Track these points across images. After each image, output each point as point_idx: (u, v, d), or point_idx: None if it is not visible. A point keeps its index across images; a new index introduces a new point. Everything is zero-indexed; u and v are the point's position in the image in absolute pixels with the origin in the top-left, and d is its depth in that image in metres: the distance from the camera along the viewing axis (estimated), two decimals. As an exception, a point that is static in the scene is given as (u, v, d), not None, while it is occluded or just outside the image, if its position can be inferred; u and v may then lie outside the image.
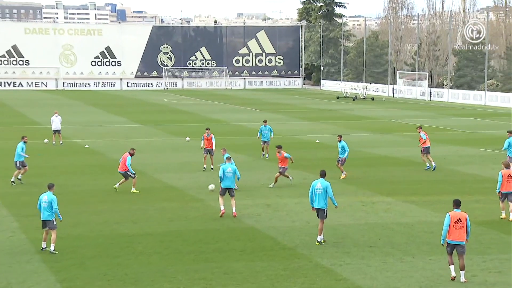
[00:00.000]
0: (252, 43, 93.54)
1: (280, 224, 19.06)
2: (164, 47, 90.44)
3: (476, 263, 15.37)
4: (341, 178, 25.84)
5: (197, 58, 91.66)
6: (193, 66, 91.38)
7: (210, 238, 17.63)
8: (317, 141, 37.82)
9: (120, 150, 33.88)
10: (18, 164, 24.97)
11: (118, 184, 23.40)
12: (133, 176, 23.27)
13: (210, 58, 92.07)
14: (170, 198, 22.39)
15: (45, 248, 16.28)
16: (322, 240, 16.80)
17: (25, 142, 25.58)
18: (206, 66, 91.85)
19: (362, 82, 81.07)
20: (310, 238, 17.53)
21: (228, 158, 20.22)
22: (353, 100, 70.36)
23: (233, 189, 19.68)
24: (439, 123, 47.94)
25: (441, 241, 14.39)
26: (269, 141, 31.21)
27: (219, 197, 19.90)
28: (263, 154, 31.15)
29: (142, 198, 22.50)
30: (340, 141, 26.03)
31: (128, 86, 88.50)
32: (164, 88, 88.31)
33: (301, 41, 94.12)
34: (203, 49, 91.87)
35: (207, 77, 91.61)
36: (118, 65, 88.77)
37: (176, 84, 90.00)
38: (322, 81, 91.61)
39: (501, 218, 19.51)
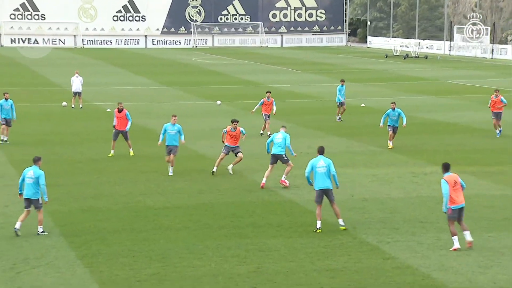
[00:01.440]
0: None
1: (339, 197, 19.04)
2: (193, 1, 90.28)
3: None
4: (389, 148, 25.78)
5: (229, 13, 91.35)
6: (224, 21, 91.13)
7: (244, 212, 17.75)
8: (363, 105, 37.57)
9: (145, 115, 34.14)
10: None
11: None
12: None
13: (243, 13, 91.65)
14: (200, 168, 22.55)
15: (17, 229, 15.48)
16: (342, 227, 16.03)
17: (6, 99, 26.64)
18: (239, 21, 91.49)
19: (415, 38, 79.96)
20: (354, 213, 17.54)
21: (283, 127, 20.92)
22: (404, 58, 69.58)
23: (283, 155, 20.13)
24: (502, 84, 47.13)
25: (443, 210, 14.71)
26: (345, 104, 32.38)
27: (269, 167, 19.98)
28: (338, 118, 32.24)
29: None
30: (394, 109, 25.90)
31: (153, 43, 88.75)
32: (193, 46, 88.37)
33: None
34: (236, 3, 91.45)
35: (240, 33, 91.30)
36: (142, 21, 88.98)
37: (206, 42, 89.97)
38: (369, 38, 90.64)
39: None
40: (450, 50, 75.56)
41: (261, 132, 28.71)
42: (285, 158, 20.25)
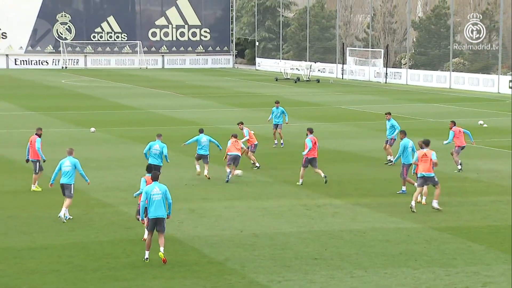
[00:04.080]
0: (172, 12, 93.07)
1: (206, 233, 19.11)
2: (61, 16, 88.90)
3: (439, 276, 15.79)
4: (388, 159, 28.67)
5: (103, 30, 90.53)
6: (98, 39, 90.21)
7: (121, 251, 17.50)
8: (252, 132, 37.91)
9: (4, 144, 33.16)
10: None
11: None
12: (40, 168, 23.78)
13: (119, 30, 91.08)
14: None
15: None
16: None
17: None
18: (114, 40, 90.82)
19: (306, 60, 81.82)
20: (244, 250, 17.64)
21: (158, 136, 24.41)
22: (295, 82, 70.98)
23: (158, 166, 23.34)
24: (396, 109, 48.89)
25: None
26: (281, 124, 33.45)
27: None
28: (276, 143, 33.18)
29: (34, 202, 22.11)
30: (389, 120, 28.71)
31: (16, 64, 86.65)
32: (62, 67, 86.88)
33: (231, 10, 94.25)
34: (111, 19, 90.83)
35: (116, 53, 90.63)
36: (3, 38, 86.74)
37: (77, 62, 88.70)
38: (258, 60, 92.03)
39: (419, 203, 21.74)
40: (343, 74, 77.76)
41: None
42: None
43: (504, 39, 66.24)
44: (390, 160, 28.78)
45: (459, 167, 27.48)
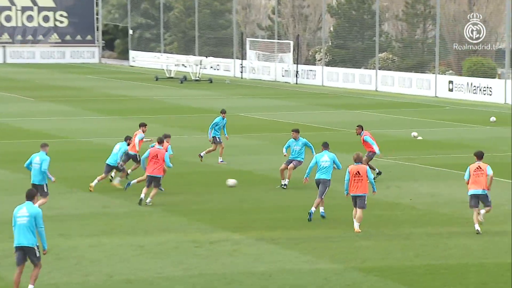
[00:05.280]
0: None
1: (64, 279, 18.84)
2: None
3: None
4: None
5: None
6: None
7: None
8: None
9: None
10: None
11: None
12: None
13: None
14: None
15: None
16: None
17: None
18: None
19: (194, 55, 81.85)
20: (114, 301, 17.48)
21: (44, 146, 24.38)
22: (181, 82, 70.91)
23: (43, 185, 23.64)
24: (309, 118, 49.43)
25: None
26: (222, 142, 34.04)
27: None
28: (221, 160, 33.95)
29: None
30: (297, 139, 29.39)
31: None
32: None
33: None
34: None
35: None
36: None
37: None
38: (132, 53, 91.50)
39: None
40: (242, 72, 78.11)
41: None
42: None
43: (442, 29, 67.67)
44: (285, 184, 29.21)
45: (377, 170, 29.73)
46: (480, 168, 23.06)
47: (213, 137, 33.63)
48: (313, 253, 21.21)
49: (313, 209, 24.22)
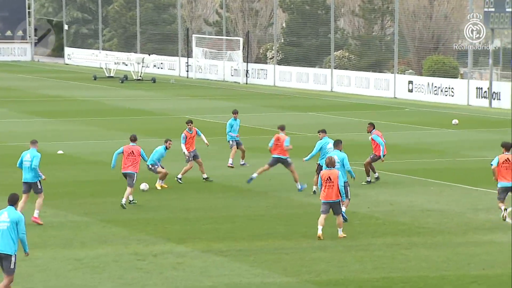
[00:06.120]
0: None
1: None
2: None
3: None
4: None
5: None
6: None
7: None
8: (60, 151, 37.42)
9: None
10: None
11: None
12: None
13: None
14: None
15: None
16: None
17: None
18: None
19: (136, 52, 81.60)
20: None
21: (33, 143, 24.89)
22: (121, 82, 70.64)
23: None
24: (260, 121, 49.47)
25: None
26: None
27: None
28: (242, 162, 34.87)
29: None
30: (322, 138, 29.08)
31: None
32: None
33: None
34: None
35: None
36: None
37: None
38: (67, 50, 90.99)
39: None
40: (188, 71, 78.03)
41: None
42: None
43: (401, 25, 68.09)
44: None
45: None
46: (509, 160, 23.73)
47: (229, 141, 34.84)
48: (264, 266, 21.18)
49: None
